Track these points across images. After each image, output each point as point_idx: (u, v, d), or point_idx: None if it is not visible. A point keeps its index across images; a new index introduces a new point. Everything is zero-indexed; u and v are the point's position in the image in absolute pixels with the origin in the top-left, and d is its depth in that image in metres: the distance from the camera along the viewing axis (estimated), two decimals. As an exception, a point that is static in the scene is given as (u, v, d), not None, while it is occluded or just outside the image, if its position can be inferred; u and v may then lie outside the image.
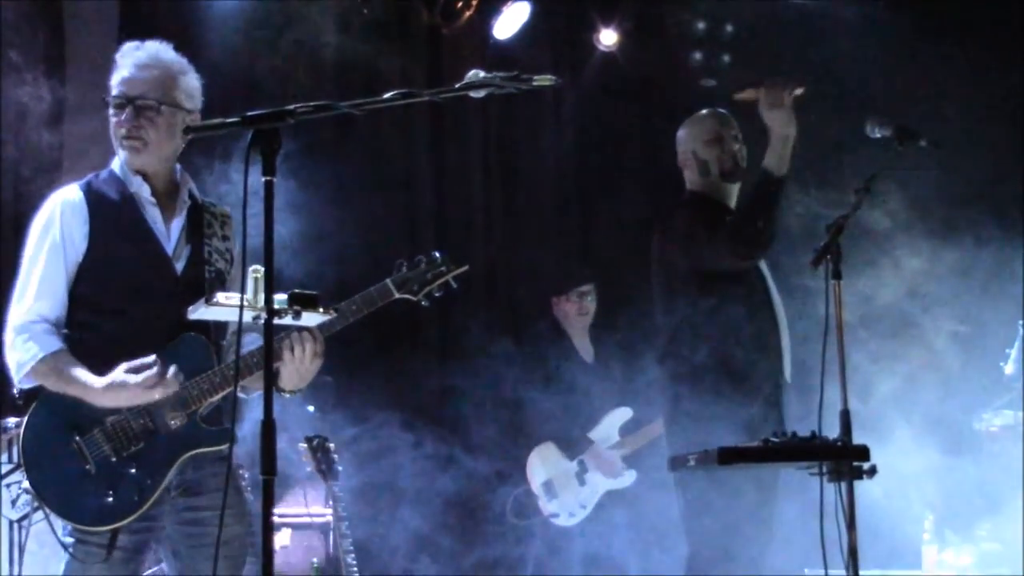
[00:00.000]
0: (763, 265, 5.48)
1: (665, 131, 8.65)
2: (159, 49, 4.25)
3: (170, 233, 4.23)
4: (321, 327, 4.08)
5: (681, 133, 5.68)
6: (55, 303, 4.12)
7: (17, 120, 6.48)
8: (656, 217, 5.67)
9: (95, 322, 4.14)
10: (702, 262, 5.30)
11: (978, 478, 6.93)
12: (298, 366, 4.09)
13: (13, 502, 5.45)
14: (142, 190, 4.21)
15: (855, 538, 4.38)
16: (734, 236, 5.21)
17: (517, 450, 7.24)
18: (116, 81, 4.22)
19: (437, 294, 4.28)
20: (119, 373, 4.03)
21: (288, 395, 4.19)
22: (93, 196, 4.19)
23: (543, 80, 3.38)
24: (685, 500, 5.31)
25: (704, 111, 5.69)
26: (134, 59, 4.21)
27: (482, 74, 3.37)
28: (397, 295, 4.21)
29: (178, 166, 4.33)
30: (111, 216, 4.18)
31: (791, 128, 5.15)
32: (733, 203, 5.53)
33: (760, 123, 5.26)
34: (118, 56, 4.26)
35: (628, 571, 7.15)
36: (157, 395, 4.03)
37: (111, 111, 4.23)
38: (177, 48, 4.33)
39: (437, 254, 4.30)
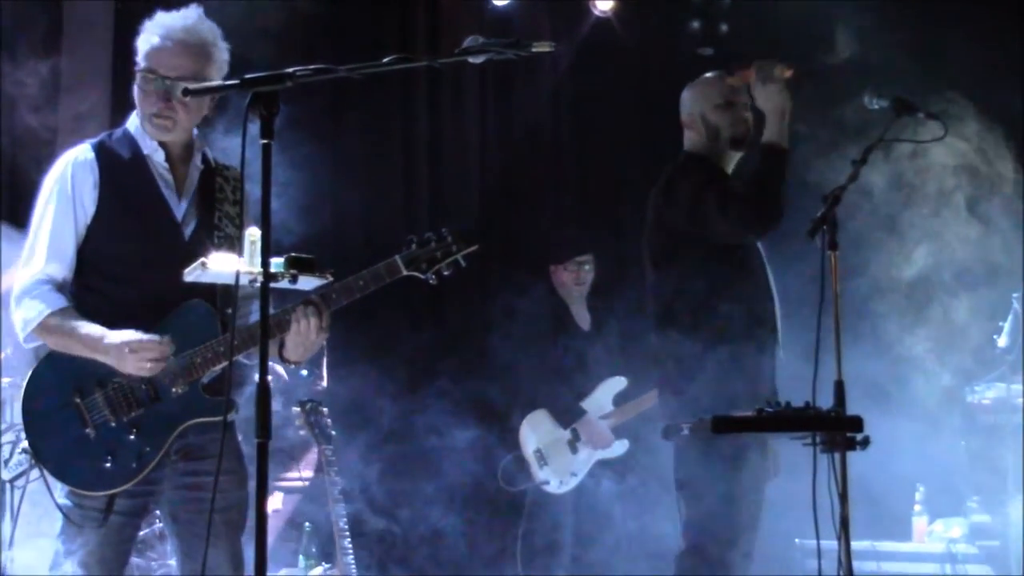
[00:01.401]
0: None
1: (662, 99, 8.65)
2: (197, 21, 4.15)
3: (181, 198, 4.20)
4: (328, 301, 4.08)
5: (688, 94, 5.49)
6: (63, 265, 4.10)
7: (11, 99, 6.43)
8: (655, 178, 5.53)
9: (101, 285, 4.12)
10: (709, 232, 5.18)
11: (969, 450, 6.96)
12: (303, 339, 4.08)
13: (6, 462, 5.46)
14: (156, 155, 4.18)
15: (847, 509, 4.39)
16: (748, 213, 5.10)
17: (510, 416, 7.25)
18: (149, 50, 4.12)
19: (446, 272, 4.22)
20: (130, 332, 4.01)
21: (292, 365, 4.20)
22: (104, 157, 4.16)
23: (542, 46, 3.37)
24: (682, 471, 5.24)
25: (713, 73, 5.51)
26: (170, 32, 4.11)
27: (481, 40, 3.36)
28: (405, 272, 4.17)
29: (195, 129, 4.29)
30: (122, 179, 4.15)
31: (786, 101, 5.08)
32: (730, 170, 5.40)
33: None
34: (153, 23, 4.14)
35: (620, 538, 7.19)
36: (158, 364, 4.01)
37: (139, 81, 4.14)
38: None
39: (447, 231, 4.25)
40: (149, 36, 4.14)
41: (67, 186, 4.11)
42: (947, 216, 6.64)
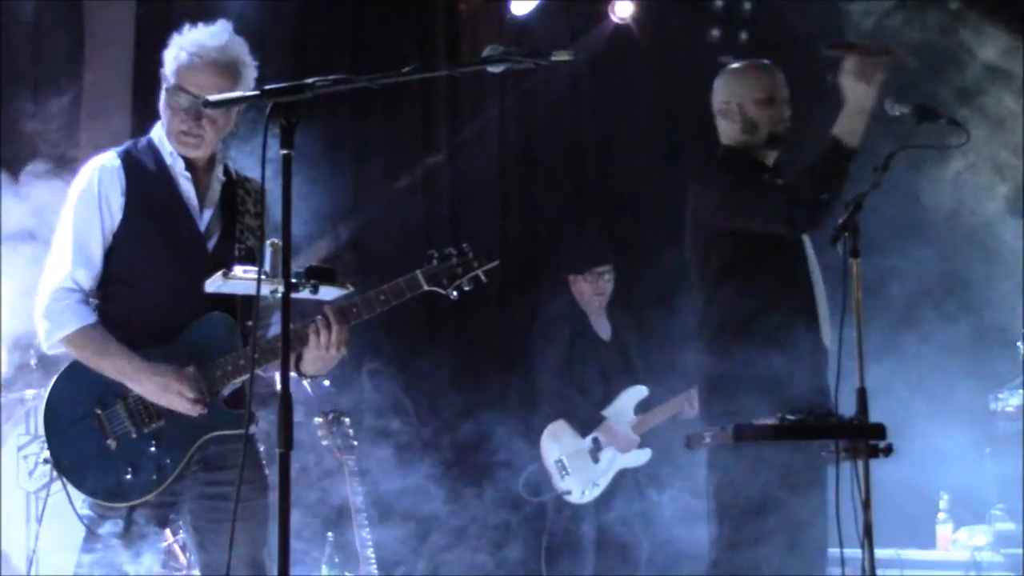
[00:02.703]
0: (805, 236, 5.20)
1: (682, 107, 8.65)
2: (229, 40, 4.13)
3: (204, 209, 4.21)
4: (348, 315, 4.08)
5: (725, 83, 5.26)
6: (90, 272, 4.11)
7: (34, 125, 6.45)
8: (691, 176, 5.32)
9: (122, 294, 4.13)
10: (748, 226, 5.00)
11: (994, 457, 6.93)
12: (322, 353, 4.08)
13: (30, 473, 5.48)
14: (177, 164, 4.19)
15: (870, 516, 4.37)
16: (795, 205, 4.91)
17: (531, 427, 7.25)
18: (179, 67, 4.10)
19: (467, 288, 4.22)
20: (166, 367, 4.03)
21: (307, 379, 4.20)
22: (130, 165, 4.16)
23: (561, 55, 3.36)
24: (714, 480, 5.15)
25: (753, 62, 5.31)
26: (202, 50, 4.08)
27: (500, 49, 3.35)
28: (426, 287, 4.17)
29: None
30: (147, 188, 4.16)
31: (871, 101, 4.81)
32: (771, 163, 5.22)
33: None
34: (184, 39, 4.12)
35: (640, 549, 7.18)
36: (190, 406, 4.03)
37: (168, 98, 4.12)
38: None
39: (467, 247, 4.24)
40: (179, 52, 4.11)
41: (93, 191, 4.11)
42: (972, 222, 6.61)
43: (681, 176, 5.47)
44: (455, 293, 4.21)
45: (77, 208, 4.13)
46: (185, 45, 4.12)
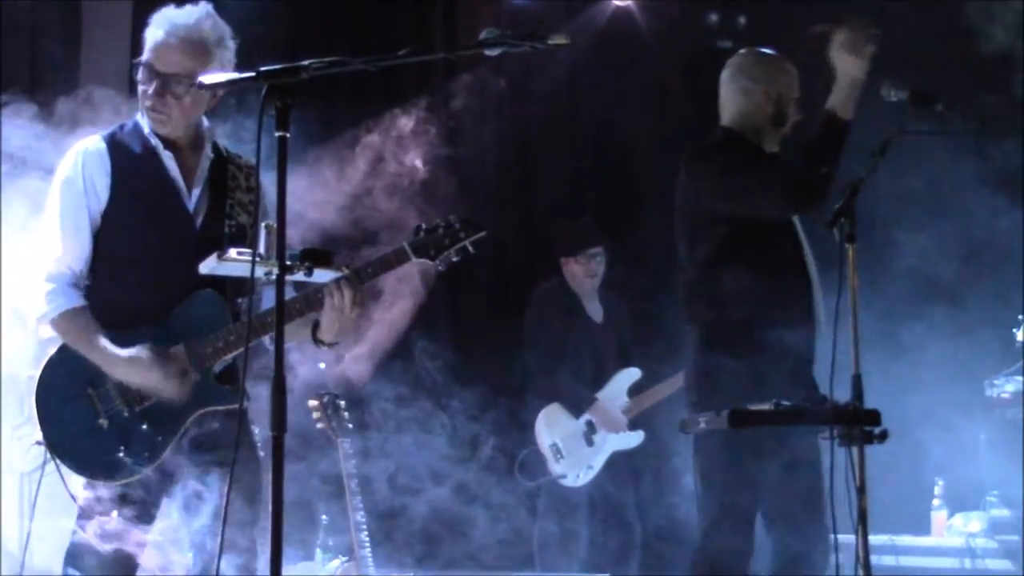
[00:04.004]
0: (796, 220, 5.22)
1: (679, 90, 8.62)
2: (201, 19, 4.15)
3: (191, 188, 4.21)
4: (362, 276, 4.09)
5: (763, 67, 5.26)
6: (81, 255, 4.12)
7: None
8: (687, 159, 5.30)
9: (113, 275, 4.14)
10: (745, 208, 5.01)
11: (989, 444, 6.93)
12: (338, 315, 4.06)
13: (25, 454, 5.47)
14: (156, 142, 4.19)
15: (865, 502, 4.37)
16: (795, 182, 4.94)
17: (524, 410, 7.25)
18: (151, 44, 4.14)
19: (454, 259, 4.22)
20: (143, 350, 4.03)
21: (327, 347, 4.19)
22: (116, 148, 4.17)
23: (558, 39, 3.35)
24: (700, 464, 5.17)
25: (788, 63, 5.29)
26: (172, 28, 4.12)
27: (497, 32, 3.34)
28: (414, 259, 4.17)
29: (204, 119, 4.30)
30: (133, 170, 4.17)
31: (862, 73, 4.87)
32: (774, 148, 5.22)
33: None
34: (160, 16, 4.16)
35: (635, 531, 7.19)
36: (173, 389, 4.04)
37: (139, 75, 4.17)
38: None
39: (454, 218, 4.25)
40: (154, 30, 4.15)
41: (78, 175, 4.13)
42: (967, 208, 6.60)
43: (676, 159, 5.44)
44: (442, 265, 4.21)
45: (63, 192, 4.14)
46: (159, 22, 4.15)
